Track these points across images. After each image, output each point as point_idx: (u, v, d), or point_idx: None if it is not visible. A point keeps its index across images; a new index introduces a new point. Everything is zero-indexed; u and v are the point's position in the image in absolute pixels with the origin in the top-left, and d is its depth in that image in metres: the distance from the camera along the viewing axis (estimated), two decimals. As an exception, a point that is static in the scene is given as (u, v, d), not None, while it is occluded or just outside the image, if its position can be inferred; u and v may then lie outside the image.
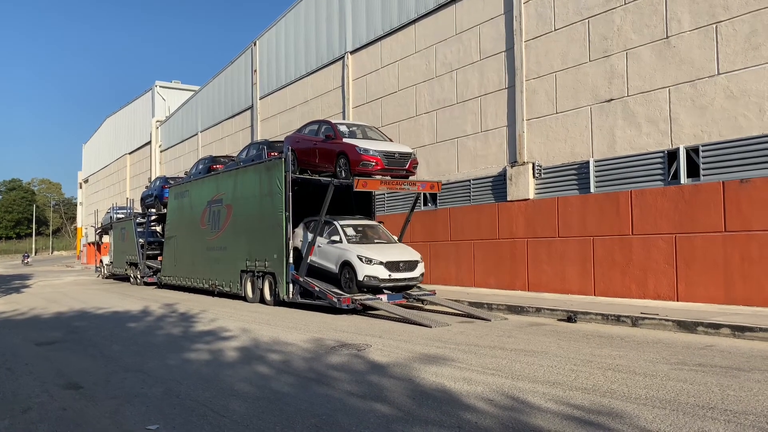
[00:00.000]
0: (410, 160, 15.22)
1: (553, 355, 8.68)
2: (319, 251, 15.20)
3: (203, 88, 39.87)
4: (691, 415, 5.61)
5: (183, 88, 49.80)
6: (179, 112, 43.43)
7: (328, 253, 14.86)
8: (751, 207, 12.05)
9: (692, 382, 6.89)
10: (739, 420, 5.41)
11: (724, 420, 5.43)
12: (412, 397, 6.49)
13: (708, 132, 12.91)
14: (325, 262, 14.96)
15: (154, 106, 48.17)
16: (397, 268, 14.00)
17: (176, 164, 42.29)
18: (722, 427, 5.22)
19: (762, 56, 12.02)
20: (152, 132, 47.30)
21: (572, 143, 15.72)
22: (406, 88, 21.45)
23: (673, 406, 5.90)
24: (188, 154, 40.44)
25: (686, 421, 5.43)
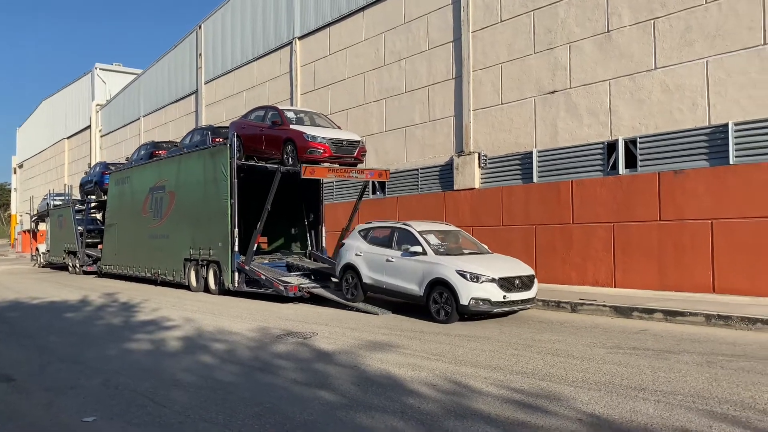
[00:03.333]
0: (359, 148, 15.19)
1: (495, 341, 8.89)
2: (384, 266, 11.88)
3: (146, 71, 38.64)
4: (624, 396, 5.85)
5: (125, 71, 48.07)
6: (121, 96, 41.99)
7: (402, 270, 11.42)
8: (684, 197, 12.59)
9: (626, 364, 7.18)
10: (668, 400, 5.68)
11: (654, 400, 5.69)
12: (357, 384, 6.53)
13: (645, 124, 13.38)
14: (398, 282, 11.50)
15: (94, 89, 46.35)
16: (513, 286, 10.41)
17: (117, 150, 40.93)
18: (652, 407, 5.47)
19: (696, 52, 12.52)
20: (92, 116, 45.56)
21: (517, 134, 16.02)
22: (355, 76, 21.36)
23: (608, 388, 6.14)
24: (130, 140, 39.19)
25: (619, 402, 5.66)
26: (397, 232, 11.96)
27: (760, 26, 11.62)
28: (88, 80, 47.77)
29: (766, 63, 11.56)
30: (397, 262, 11.55)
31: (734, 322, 9.47)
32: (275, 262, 16.54)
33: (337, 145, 14.62)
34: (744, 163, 11.79)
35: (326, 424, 5.20)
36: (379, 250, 12.13)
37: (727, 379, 6.35)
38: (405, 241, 11.60)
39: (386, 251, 11.90)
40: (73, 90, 50.79)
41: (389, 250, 11.84)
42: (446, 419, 5.26)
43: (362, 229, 12.98)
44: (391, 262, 11.67)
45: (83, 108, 47.93)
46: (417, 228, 11.70)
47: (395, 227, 12.13)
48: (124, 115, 41.13)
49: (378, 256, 12.05)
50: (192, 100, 32.28)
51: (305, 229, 18.01)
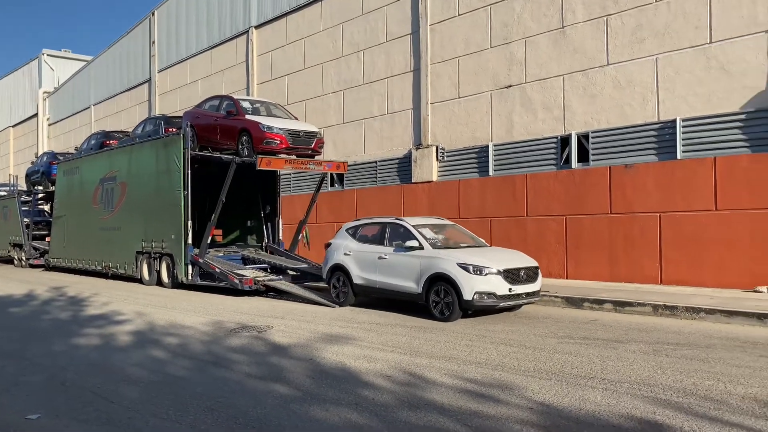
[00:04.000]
0: (316, 140, 15.07)
1: (451, 332, 8.97)
2: (376, 265, 11.11)
3: (96, 58, 37.43)
4: (573, 385, 5.99)
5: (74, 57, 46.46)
6: (70, 84, 40.58)
7: (397, 267, 10.69)
8: (634, 191, 12.94)
9: (576, 354, 7.35)
10: (615, 388, 5.84)
11: (602, 388, 5.84)
12: (312, 377, 6.50)
13: (598, 119, 13.68)
14: (392, 280, 10.75)
15: (42, 76, 44.63)
16: (518, 278, 9.82)
17: (66, 139, 39.57)
18: (600, 395, 5.61)
19: (646, 49, 12.85)
20: (39, 104, 43.90)
21: (473, 127, 16.17)
22: (313, 67, 21.17)
23: (558, 377, 6.27)
24: (80, 129, 37.95)
25: (569, 390, 5.79)
26: (389, 228, 11.25)
27: (706, 26, 12.00)
28: (34, 66, 45.96)
29: (711, 62, 11.95)
30: (391, 259, 10.80)
31: (679, 312, 9.80)
32: (230, 255, 16.32)
33: (294, 136, 14.48)
34: (690, 158, 12.19)
35: (280, 418, 5.16)
36: (370, 247, 11.37)
37: (671, 367, 6.57)
38: (398, 237, 10.93)
39: (378, 248, 11.16)
40: (19, 76, 48.78)
41: (381, 247, 11.11)
42: (400, 410, 5.29)
43: (350, 227, 12.20)
44: (385, 260, 10.91)
45: (30, 95, 46.11)
46: (411, 222, 11.08)
47: (387, 223, 11.45)
48: (73, 103, 39.79)
49: (369, 254, 11.27)
50: (145, 88, 31.46)
51: (261, 222, 17.81)
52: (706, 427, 4.70)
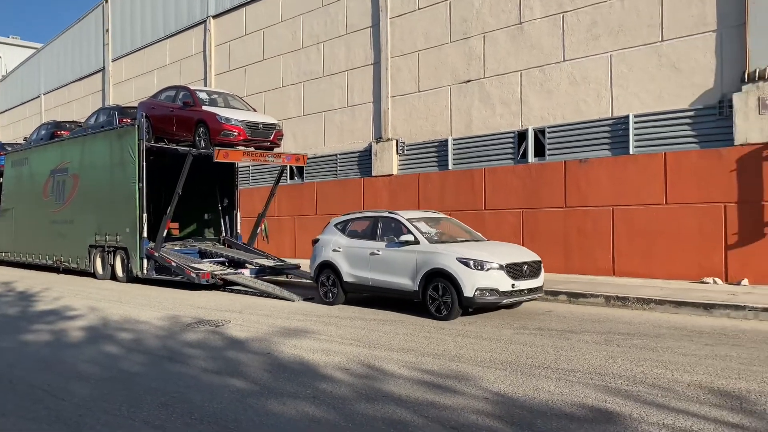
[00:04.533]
0: (275, 132, 14.91)
1: (410, 324, 9.04)
2: (368, 261, 10.49)
3: (47, 46, 36.16)
4: (528, 374, 6.11)
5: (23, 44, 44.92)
6: (18, 72, 39.12)
7: (390, 263, 10.12)
8: (588, 185, 13.23)
9: (531, 344, 7.50)
10: (568, 377, 5.98)
11: (556, 378, 5.98)
12: (270, 371, 6.47)
13: (554, 114, 13.92)
14: (386, 277, 10.18)
15: (-12, 62, 42.96)
16: (521, 273, 9.31)
17: (15, 129, 38.16)
18: (553, 384, 5.74)
19: (601, 46, 13.13)
20: (-15, 92, 42.24)
21: (433, 121, 16.26)
22: (272, 58, 20.92)
23: (513, 367, 6.39)
24: (29, 118, 36.63)
25: (523, 380, 5.91)
26: (381, 222, 10.65)
27: (658, 24, 12.32)
28: (-20, 53, 44.20)
29: (663, 59, 12.29)
30: (384, 254, 10.21)
31: (631, 303, 10.09)
32: (187, 249, 16.06)
33: (253, 128, 14.30)
34: (642, 153, 12.53)
35: (236, 412, 5.12)
36: (361, 243, 10.75)
37: (622, 356, 6.76)
38: (391, 231, 10.38)
39: (369, 244, 10.55)
40: (-37, 63, 46.84)
41: (373, 243, 10.51)
42: (358, 402, 5.30)
43: (339, 222, 11.58)
44: (377, 256, 10.30)
45: (-25, 83, 44.30)
46: (405, 216, 10.49)
47: (379, 216, 10.85)
48: (22, 92, 38.38)
49: (360, 250, 10.66)
50: (98, 78, 30.56)
51: (219, 215, 17.54)
52: (654, 413, 4.86)
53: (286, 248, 19.90)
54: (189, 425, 4.83)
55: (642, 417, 4.78)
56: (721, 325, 8.54)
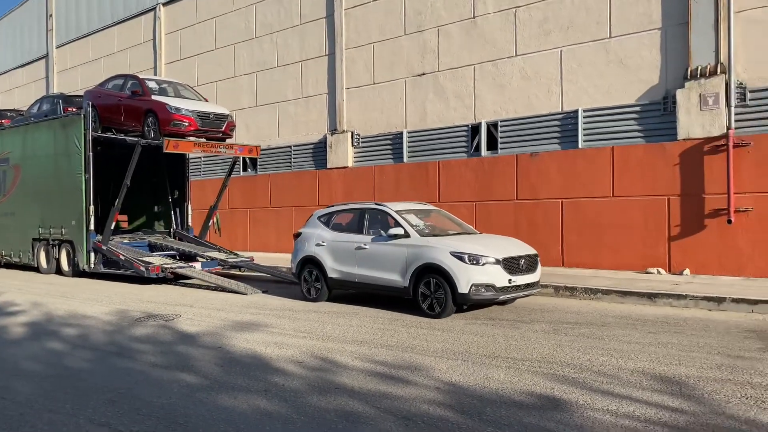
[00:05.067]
0: (227, 122, 14.67)
1: (364, 316, 9.06)
2: (354, 256, 9.95)
3: (-15, 30, 34.54)
4: (479, 364, 6.21)
5: (-41, 28, 42.63)
6: (-46, 56, 37.23)
7: (379, 258, 9.57)
8: (538, 178, 13.49)
9: (483, 334, 7.62)
10: (517, 366, 6.11)
11: (506, 366, 6.09)
12: (221, 365, 6.38)
13: (506, 109, 14.12)
14: (374, 273, 9.63)
15: None
16: (518, 268, 8.84)
17: (-49, 117, 36.35)
18: (503, 373, 5.86)
19: (552, 42, 13.37)
20: None
21: (388, 114, 16.28)
22: (225, 47, 20.53)
23: (465, 357, 6.48)
24: (-33, 106, 34.99)
25: (474, 369, 6.00)
26: (368, 215, 10.14)
27: (607, 21, 12.63)
28: None
29: (611, 55, 12.60)
30: (372, 249, 9.68)
31: (579, 293, 10.36)
32: (136, 242, 15.67)
33: (204, 118, 14.02)
34: (590, 147, 12.85)
35: (186, 407, 5.04)
36: (346, 236, 10.24)
37: (569, 345, 6.94)
38: (379, 224, 9.91)
39: (356, 237, 10.03)
40: None
41: (360, 236, 9.99)
42: (310, 395, 5.29)
43: (323, 214, 10.98)
44: (364, 250, 9.77)
45: None
46: (394, 207, 9.97)
47: (365, 209, 10.30)
48: (-42, 78, 36.57)
49: (346, 244, 10.14)
50: (41, 65, 29.40)
51: (170, 207, 17.16)
52: (599, 400, 5.01)
53: (239, 241, 19.64)
54: (136, 422, 4.73)
55: (588, 403, 4.92)
56: (664, 313, 8.86)
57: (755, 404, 4.80)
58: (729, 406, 4.77)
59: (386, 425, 4.54)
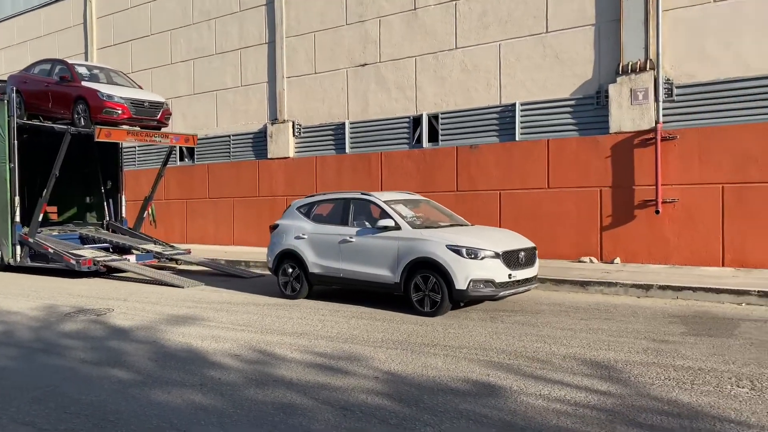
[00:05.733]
0: (162, 110, 14.21)
1: (304, 308, 9.00)
2: (339, 250, 9.30)
3: None
4: (418, 352, 6.28)
5: None
6: None
7: (366, 252, 8.95)
8: (478, 170, 13.72)
9: (422, 323, 7.71)
10: (455, 354, 6.21)
11: (444, 354, 6.19)
12: (155, 360, 6.21)
13: (446, 101, 14.27)
14: (360, 268, 9.01)
15: None
16: (517, 262, 8.31)
17: None
18: (441, 361, 5.94)
19: (490, 36, 13.58)
20: None
21: (330, 104, 16.17)
22: (161, 33, 19.87)
23: (404, 346, 6.54)
24: None
25: (413, 358, 6.06)
26: (353, 205, 9.48)
27: (544, 16, 12.91)
28: None
29: (547, 50, 12.91)
30: (359, 242, 9.03)
31: (516, 282, 10.60)
32: (67, 234, 15.03)
33: (138, 106, 13.55)
34: (527, 140, 13.14)
35: (116, 404, 4.88)
36: (329, 229, 9.55)
37: (505, 332, 7.11)
38: (366, 216, 9.35)
39: (340, 230, 9.36)
40: None
41: (345, 228, 9.32)
42: (247, 388, 5.22)
43: (302, 205, 10.26)
44: (350, 243, 9.13)
45: None
46: (382, 197, 9.34)
47: (350, 199, 9.63)
48: None
49: (329, 237, 9.45)
50: (-39, 47, 27.68)
51: (102, 198, 16.51)
52: (532, 385, 5.16)
53: (176, 233, 19.16)
54: (63, 420, 4.55)
55: (521, 389, 5.06)
56: (596, 300, 9.20)
57: (677, 385, 5.05)
58: (653, 388, 5.00)
59: (324, 416, 4.54)
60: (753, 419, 4.26)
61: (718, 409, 4.47)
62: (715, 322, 7.48)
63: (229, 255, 15.45)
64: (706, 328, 7.12)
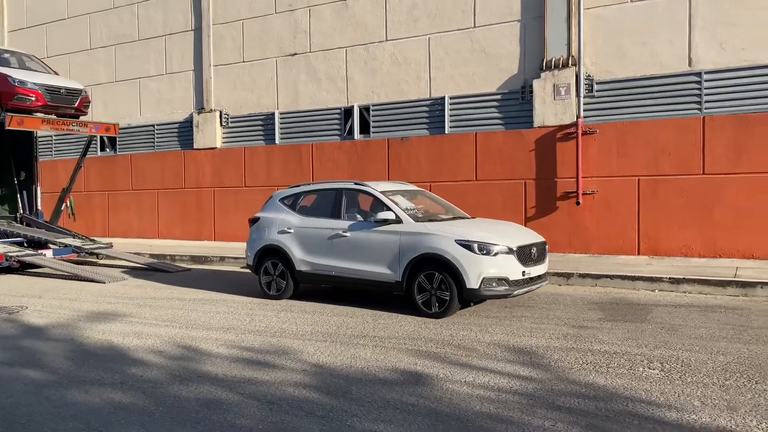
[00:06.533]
0: (81, 98, 13.56)
1: (231, 302, 8.84)
2: (331, 246, 8.52)
3: None
4: (347, 344, 6.29)
5: None
6: None
7: (362, 248, 8.23)
8: (408, 162, 13.84)
9: (352, 315, 7.72)
10: (384, 344, 6.26)
11: (373, 345, 6.23)
12: (72, 359, 5.95)
13: (378, 93, 14.30)
14: (355, 265, 8.28)
15: None
16: (530, 258, 7.74)
17: None
18: (370, 351, 5.98)
19: (420, 29, 13.68)
20: None
21: (259, 94, 15.88)
22: (79, 16, 18.90)
23: (333, 338, 6.54)
24: None
25: (342, 350, 6.07)
26: (345, 196, 8.74)
27: (472, 10, 13.13)
28: None
29: (475, 45, 13.14)
30: (353, 237, 8.30)
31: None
32: (-25, 228, 14.11)
33: (53, 93, 12.86)
34: (456, 133, 13.36)
35: (29, 405, 4.64)
36: (319, 222, 8.76)
37: (433, 322, 7.23)
38: (360, 208, 8.76)
39: (332, 223, 8.59)
40: None
41: (336, 222, 8.56)
42: (170, 385, 5.08)
43: (286, 196, 9.42)
44: (343, 238, 8.37)
45: None
46: (378, 188, 8.60)
47: (342, 189, 8.85)
48: None
49: (318, 231, 8.68)
50: None
51: (15, 190, 15.56)
52: (457, 372, 5.27)
53: (97, 226, 18.37)
54: (-31, 425, 4.29)
55: (447, 377, 5.16)
56: (520, 289, 9.47)
57: (594, 369, 5.28)
58: (572, 372, 5.21)
59: (250, 410, 4.47)
60: (662, 399, 4.52)
61: (630, 391, 4.71)
62: (630, 308, 7.88)
63: (154, 249, 14.96)
64: (621, 314, 7.48)
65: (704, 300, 8.31)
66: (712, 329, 6.59)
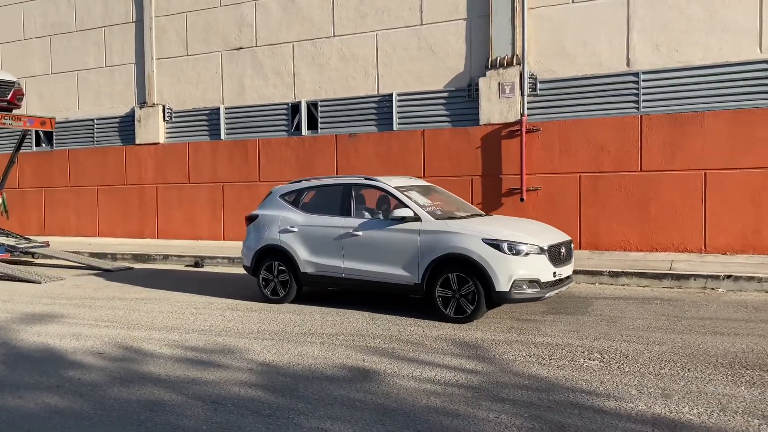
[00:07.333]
0: (14, 90, 12.93)
1: (175, 301, 8.64)
2: (341, 246, 7.91)
3: None
4: (294, 342, 6.24)
5: None
6: None
7: (379, 247, 7.61)
8: (357, 158, 13.82)
9: (300, 312, 7.67)
10: (332, 341, 6.24)
11: (320, 342, 6.20)
12: (5, 362, 5.70)
13: (325, 89, 14.21)
14: (369, 266, 7.68)
15: None
16: (559, 258, 7.25)
17: None
18: (317, 348, 5.95)
19: (367, 25, 13.67)
20: None
21: (204, 88, 15.55)
22: (11, 5, 18.04)
23: (281, 336, 6.48)
24: None
25: (289, 348, 6.02)
26: (354, 192, 8.13)
27: (419, 8, 13.20)
28: None
29: (422, 42, 13.22)
30: (366, 236, 7.70)
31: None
32: None
33: (-17, 85, 12.25)
34: (404, 130, 13.42)
35: (-44, 414, 4.42)
36: (326, 220, 8.13)
37: (381, 318, 7.25)
38: (372, 205, 8.22)
39: (340, 221, 7.98)
40: None
41: (345, 220, 7.95)
42: (110, 387, 4.93)
43: (288, 192, 8.76)
44: (355, 237, 7.77)
45: None
46: (392, 183, 8.01)
47: (351, 185, 8.22)
48: None
49: (326, 230, 8.05)
50: None
51: (-57, 186, 14.81)
52: (404, 367, 5.31)
53: (32, 225, 17.63)
54: None
55: (394, 372, 5.19)
56: (467, 284, 9.60)
57: (537, 361, 5.41)
58: (515, 365, 5.32)
59: (193, 411, 4.38)
60: (601, 388, 4.67)
61: (571, 381, 4.85)
62: (572, 301, 8.10)
63: (93, 247, 14.46)
64: (564, 307, 7.69)
65: (641, 292, 8.64)
66: (649, 320, 6.85)
